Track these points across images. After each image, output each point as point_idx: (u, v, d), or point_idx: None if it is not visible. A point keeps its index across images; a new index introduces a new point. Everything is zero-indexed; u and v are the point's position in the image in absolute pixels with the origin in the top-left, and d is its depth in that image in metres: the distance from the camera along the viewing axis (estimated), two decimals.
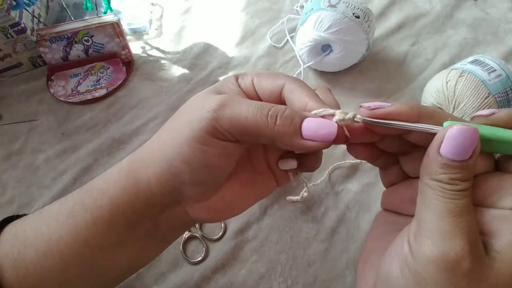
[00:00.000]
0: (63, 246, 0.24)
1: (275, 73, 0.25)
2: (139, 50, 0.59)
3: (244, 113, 0.22)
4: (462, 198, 0.19)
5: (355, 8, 0.49)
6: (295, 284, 0.38)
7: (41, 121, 0.51)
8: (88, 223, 0.24)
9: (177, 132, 0.23)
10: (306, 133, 0.22)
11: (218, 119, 0.22)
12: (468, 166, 0.19)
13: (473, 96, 0.42)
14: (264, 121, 0.21)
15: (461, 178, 0.19)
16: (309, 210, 0.42)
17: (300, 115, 0.22)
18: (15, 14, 0.50)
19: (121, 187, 0.25)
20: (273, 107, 0.22)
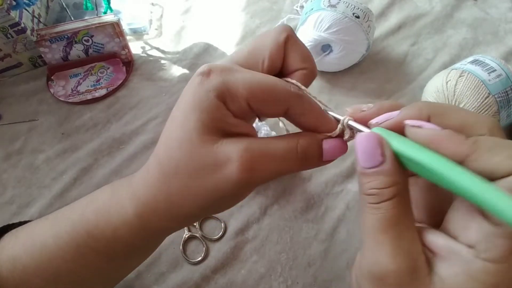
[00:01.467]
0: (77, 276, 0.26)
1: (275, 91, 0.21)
2: (139, 50, 0.59)
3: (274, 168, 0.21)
4: (383, 211, 0.18)
5: (355, 8, 0.49)
6: (295, 284, 0.38)
7: (41, 121, 0.51)
8: (102, 261, 0.26)
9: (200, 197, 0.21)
10: (326, 158, 0.23)
11: (250, 183, 0.21)
12: (382, 171, 0.18)
13: (473, 96, 0.42)
14: (295, 165, 0.22)
15: (377, 186, 0.18)
16: (309, 210, 0.42)
17: (320, 145, 0.22)
18: (15, 14, 0.50)
19: (132, 238, 0.25)
20: (299, 149, 0.22)
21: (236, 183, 0.20)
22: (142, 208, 0.23)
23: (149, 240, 0.26)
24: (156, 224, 0.24)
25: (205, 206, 0.22)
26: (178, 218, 0.23)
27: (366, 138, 0.19)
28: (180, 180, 0.21)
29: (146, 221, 0.24)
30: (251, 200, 0.43)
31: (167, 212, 0.23)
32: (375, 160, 0.19)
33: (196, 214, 0.23)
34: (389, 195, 0.18)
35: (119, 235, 0.24)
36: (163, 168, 0.22)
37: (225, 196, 0.21)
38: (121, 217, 0.24)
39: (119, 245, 0.25)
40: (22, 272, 0.25)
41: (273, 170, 0.21)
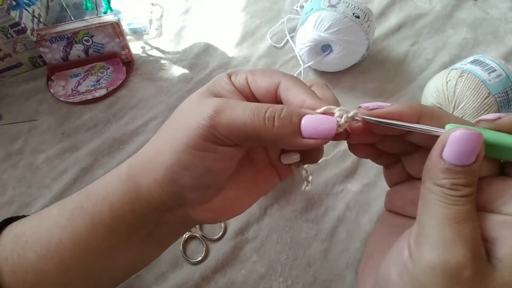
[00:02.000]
0: (63, 250, 0.24)
1: (270, 70, 0.25)
2: (139, 50, 0.59)
3: (240, 118, 0.21)
4: (465, 204, 0.18)
5: (355, 8, 0.49)
6: (295, 284, 0.38)
7: (41, 121, 0.51)
8: (88, 228, 0.24)
9: (174, 138, 0.23)
10: (305, 132, 0.21)
11: (215, 126, 0.21)
12: (472, 171, 0.18)
13: (473, 96, 0.42)
14: (262, 124, 0.21)
15: (464, 184, 0.18)
16: (309, 210, 0.43)
17: (298, 113, 0.22)
18: (15, 14, 0.50)
19: (121, 192, 0.24)
20: (270, 108, 0.21)
21: (201, 126, 0.21)
22: (132, 160, 0.26)
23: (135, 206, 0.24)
24: (138, 176, 0.24)
25: (177, 150, 0.22)
26: (155, 171, 0.23)
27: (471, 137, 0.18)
28: (168, 126, 0.25)
29: (131, 172, 0.25)
30: None
31: (149, 161, 0.24)
32: (470, 160, 0.18)
33: (170, 164, 0.23)
34: (471, 191, 0.18)
35: (108, 190, 0.25)
36: (161, 127, 0.25)
37: (193, 141, 0.22)
38: (115, 172, 0.26)
39: (105, 207, 0.24)
40: (21, 248, 0.24)
41: (239, 123, 0.21)
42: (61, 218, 0.25)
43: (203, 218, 0.26)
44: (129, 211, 0.24)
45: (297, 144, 0.22)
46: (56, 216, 0.25)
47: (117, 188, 0.25)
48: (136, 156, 0.26)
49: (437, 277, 0.17)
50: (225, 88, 0.24)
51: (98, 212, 0.24)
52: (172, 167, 0.23)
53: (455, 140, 0.18)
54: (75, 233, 0.24)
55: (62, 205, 0.26)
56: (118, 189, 0.25)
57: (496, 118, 0.20)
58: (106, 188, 0.25)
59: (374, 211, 0.42)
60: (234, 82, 0.25)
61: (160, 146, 0.24)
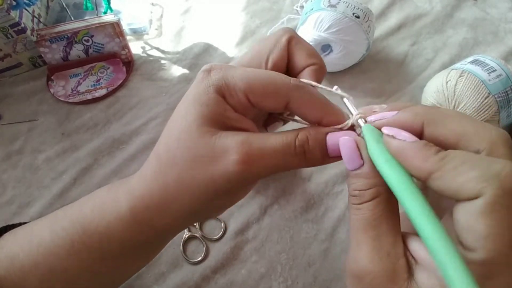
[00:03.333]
0: (71, 276, 0.25)
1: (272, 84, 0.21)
2: (139, 50, 0.59)
3: (272, 162, 0.21)
4: (364, 211, 0.19)
5: (355, 8, 0.49)
6: (295, 284, 0.38)
7: (41, 121, 0.51)
8: (96, 261, 0.25)
9: (197, 188, 0.21)
10: (332, 153, 0.22)
11: (246, 177, 0.20)
12: (362, 174, 0.19)
13: (473, 96, 0.42)
14: (294, 160, 0.21)
15: (358, 187, 0.19)
16: (309, 210, 0.42)
17: (322, 138, 0.21)
18: (15, 14, 0.50)
19: (128, 235, 0.24)
20: (297, 142, 0.21)
21: (232, 176, 0.20)
22: (136, 201, 0.23)
23: (145, 238, 0.24)
24: (150, 219, 0.23)
25: (200, 199, 0.22)
26: (172, 214, 0.23)
27: (345, 142, 0.20)
28: (176, 171, 0.21)
29: (139, 215, 0.23)
30: (251, 200, 0.43)
31: (161, 206, 0.22)
32: (356, 162, 0.19)
33: (192, 209, 0.22)
34: (369, 197, 0.19)
35: (112, 231, 0.24)
36: (160, 160, 0.22)
37: (220, 190, 0.21)
38: (115, 212, 0.24)
39: (112, 242, 0.24)
40: (19, 270, 0.25)
41: (271, 165, 0.21)
42: (60, 250, 0.24)
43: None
44: (141, 243, 0.25)
45: (324, 163, 0.22)
46: (51, 245, 0.25)
47: (122, 230, 0.24)
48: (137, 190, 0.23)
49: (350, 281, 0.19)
50: (226, 116, 0.21)
51: (107, 250, 0.24)
52: (197, 215, 0.23)
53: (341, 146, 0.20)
54: (82, 266, 0.25)
55: (53, 232, 0.25)
56: (125, 230, 0.24)
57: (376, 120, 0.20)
58: (108, 226, 0.24)
59: None
60: (229, 102, 0.22)
61: (172, 191, 0.22)
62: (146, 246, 0.26)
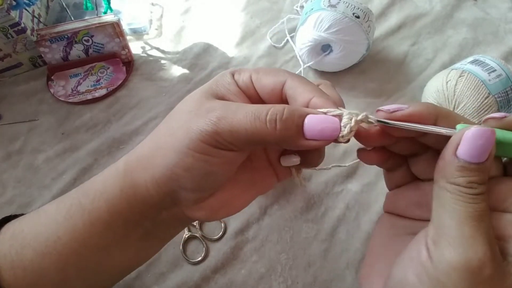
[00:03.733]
0: (61, 247, 0.24)
1: (275, 70, 0.24)
2: (139, 50, 0.59)
3: (242, 124, 0.21)
4: (481, 202, 0.19)
5: (355, 8, 0.49)
6: (295, 284, 0.38)
7: (41, 121, 0.51)
8: (86, 224, 0.24)
9: (176, 139, 0.23)
10: (308, 133, 0.21)
11: (218, 132, 0.21)
12: (485, 168, 0.19)
13: (473, 96, 0.42)
14: (264, 128, 0.21)
15: (478, 181, 0.19)
16: (309, 210, 0.42)
17: (300, 114, 0.21)
18: (15, 14, 0.50)
19: (118, 188, 0.24)
20: (270, 110, 0.21)
21: (204, 131, 0.21)
22: (130, 155, 0.25)
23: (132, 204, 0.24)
24: (136, 171, 0.24)
25: (177, 151, 0.22)
26: (152, 168, 0.23)
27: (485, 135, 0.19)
28: (167, 125, 0.24)
29: (129, 166, 0.24)
30: None
31: (147, 158, 0.24)
32: (483, 157, 0.19)
33: (169, 164, 0.22)
34: (483, 189, 0.19)
35: (105, 186, 0.24)
36: (163, 122, 0.25)
37: (194, 142, 0.22)
38: (113, 168, 0.25)
39: (102, 202, 0.24)
40: (20, 244, 0.24)
41: (241, 127, 0.21)
42: (59, 215, 0.25)
43: (198, 216, 0.26)
44: (126, 208, 0.24)
45: (300, 146, 0.22)
46: (54, 213, 0.25)
47: (114, 184, 0.24)
48: (133, 152, 0.26)
49: (459, 277, 0.17)
50: (228, 88, 0.24)
51: (96, 208, 0.24)
52: (173, 167, 0.23)
53: (470, 138, 0.19)
54: (73, 230, 0.24)
55: (59, 202, 0.26)
56: (115, 184, 0.24)
57: (503, 117, 0.20)
58: (104, 183, 0.25)
59: (374, 211, 0.42)
60: (237, 81, 0.24)
61: (159, 144, 0.24)
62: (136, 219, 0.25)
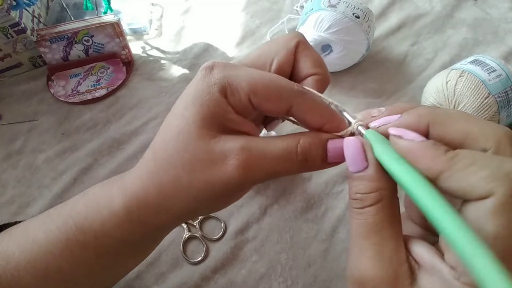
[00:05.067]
0: (66, 274, 0.25)
1: (276, 87, 0.21)
2: (139, 50, 0.59)
3: (272, 167, 0.20)
4: (366, 216, 0.18)
5: (355, 8, 0.49)
6: (295, 284, 0.38)
7: (41, 121, 0.51)
8: (91, 258, 0.25)
9: (194, 189, 0.21)
10: (331, 159, 0.21)
11: (245, 181, 0.20)
12: (366, 176, 0.18)
13: (473, 96, 0.42)
14: (294, 166, 0.21)
15: (361, 190, 0.18)
16: (309, 210, 0.42)
17: (323, 146, 0.21)
18: (15, 14, 0.50)
19: (125, 231, 0.24)
20: (299, 150, 0.21)
21: (230, 181, 0.20)
22: (130, 198, 0.23)
23: (140, 236, 0.24)
24: (145, 217, 0.23)
25: (197, 199, 0.22)
26: (168, 212, 0.23)
27: (351, 143, 0.19)
28: (173, 172, 0.21)
29: (134, 213, 0.23)
30: (251, 200, 0.43)
31: (157, 205, 0.22)
32: (360, 165, 0.19)
33: (188, 208, 0.22)
34: (372, 201, 0.18)
35: (107, 228, 0.24)
36: (157, 158, 0.22)
37: (218, 193, 0.21)
38: (109, 209, 0.23)
39: (107, 240, 0.24)
40: (15, 268, 0.24)
41: (271, 171, 0.20)
42: (54, 248, 0.24)
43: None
44: (136, 240, 0.25)
45: (322, 168, 0.22)
46: (45, 243, 0.25)
47: (117, 226, 0.24)
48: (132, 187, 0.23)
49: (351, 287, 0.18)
50: (225, 117, 0.21)
51: (101, 245, 0.24)
52: (192, 213, 0.23)
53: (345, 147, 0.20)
54: (78, 262, 0.25)
55: (47, 231, 0.25)
56: (119, 227, 0.24)
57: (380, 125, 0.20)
58: (104, 223, 0.24)
59: None
60: (230, 102, 0.21)
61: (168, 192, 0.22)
62: (141, 243, 0.26)
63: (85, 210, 0.24)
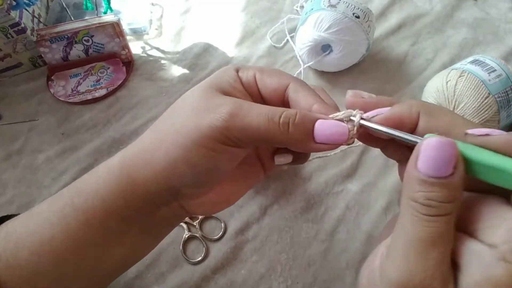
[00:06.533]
0: (56, 246, 0.24)
1: (278, 71, 0.25)
2: (139, 50, 0.59)
3: (255, 122, 0.22)
4: (438, 224, 0.16)
5: (355, 8, 0.49)
6: (295, 284, 0.38)
7: (41, 121, 0.51)
8: (80, 224, 0.24)
9: (181, 134, 0.23)
10: (318, 138, 0.22)
11: (230, 128, 0.21)
12: (449, 184, 0.17)
13: (473, 96, 0.42)
14: (277, 129, 0.22)
15: (439, 198, 0.16)
16: (309, 210, 0.42)
17: (311, 119, 0.22)
18: (15, 14, 0.50)
19: (114, 186, 0.24)
20: (284, 113, 0.22)
21: (216, 126, 0.21)
22: (125, 152, 0.25)
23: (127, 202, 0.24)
24: (133, 170, 0.23)
25: (182, 146, 0.22)
26: (153, 163, 0.23)
27: (443, 145, 0.17)
28: (170, 120, 0.24)
29: (125, 164, 0.24)
30: (251, 200, 0.43)
31: (146, 154, 0.23)
32: (446, 171, 0.17)
33: (171, 158, 0.22)
34: (447, 210, 0.17)
35: (99, 186, 0.24)
36: (161, 117, 0.25)
37: (203, 138, 0.22)
38: (106, 165, 0.25)
39: (97, 202, 0.24)
40: (14, 244, 0.24)
41: (254, 128, 0.21)
42: (52, 215, 0.25)
43: (197, 211, 0.26)
44: (123, 205, 0.24)
45: (309, 148, 0.22)
46: (46, 212, 0.25)
47: (109, 181, 0.24)
48: (131, 147, 0.25)
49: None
50: (233, 85, 0.24)
51: (90, 207, 0.24)
52: (176, 163, 0.23)
53: (428, 148, 0.17)
54: (67, 229, 0.24)
55: (51, 201, 0.26)
56: (110, 182, 0.24)
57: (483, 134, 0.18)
58: (97, 181, 0.25)
59: (374, 211, 0.42)
60: (241, 78, 0.25)
61: (161, 138, 0.24)
62: (136, 216, 0.25)
63: (87, 176, 0.26)
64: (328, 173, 0.45)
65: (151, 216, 0.25)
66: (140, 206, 0.24)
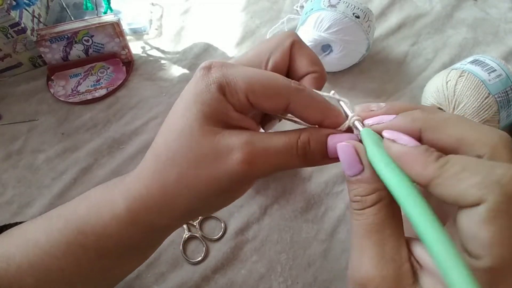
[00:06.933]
0: (66, 276, 0.25)
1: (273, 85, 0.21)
2: (139, 50, 0.59)
3: (273, 161, 0.21)
4: (365, 217, 0.18)
5: (355, 8, 0.49)
6: (295, 284, 0.38)
7: (41, 121, 0.51)
8: (92, 260, 0.24)
9: (196, 190, 0.21)
10: (331, 155, 0.22)
11: (248, 175, 0.21)
12: (363, 179, 0.19)
13: (473, 96, 0.42)
14: (295, 160, 0.21)
15: (360, 193, 0.19)
16: (309, 210, 0.42)
17: (323, 141, 0.21)
18: (15, 14, 0.50)
19: (128, 232, 0.24)
20: (299, 144, 0.21)
21: (235, 174, 0.20)
22: (133, 201, 0.23)
23: (142, 238, 0.24)
24: (147, 218, 0.23)
25: (201, 197, 0.22)
26: (172, 213, 0.22)
27: (344, 148, 0.20)
28: (177, 170, 0.21)
29: (136, 215, 0.23)
30: (251, 200, 0.43)
31: (160, 205, 0.22)
32: (355, 168, 0.19)
33: (192, 208, 0.22)
34: (371, 202, 0.18)
35: (109, 231, 0.24)
36: (159, 159, 0.22)
37: (223, 188, 0.21)
38: (112, 212, 0.23)
39: (109, 242, 0.24)
40: (16, 271, 0.24)
41: (273, 164, 0.21)
42: (56, 250, 0.24)
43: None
44: (139, 242, 0.25)
45: (323, 164, 0.22)
46: (46, 246, 0.25)
47: (121, 229, 0.24)
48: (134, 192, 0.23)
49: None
50: (226, 114, 0.21)
51: (103, 248, 0.24)
52: (197, 210, 0.23)
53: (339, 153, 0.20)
54: (78, 264, 0.24)
55: (48, 233, 0.25)
56: (123, 230, 0.24)
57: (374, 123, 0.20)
58: (105, 229, 0.24)
59: None
60: (229, 100, 0.21)
61: (173, 192, 0.22)
62: (144, 245, 0.26)
63: (87, 214, 0.24)
64: (328, 173, 0.45)
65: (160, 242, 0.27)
66: (156, 237, 0.26)
